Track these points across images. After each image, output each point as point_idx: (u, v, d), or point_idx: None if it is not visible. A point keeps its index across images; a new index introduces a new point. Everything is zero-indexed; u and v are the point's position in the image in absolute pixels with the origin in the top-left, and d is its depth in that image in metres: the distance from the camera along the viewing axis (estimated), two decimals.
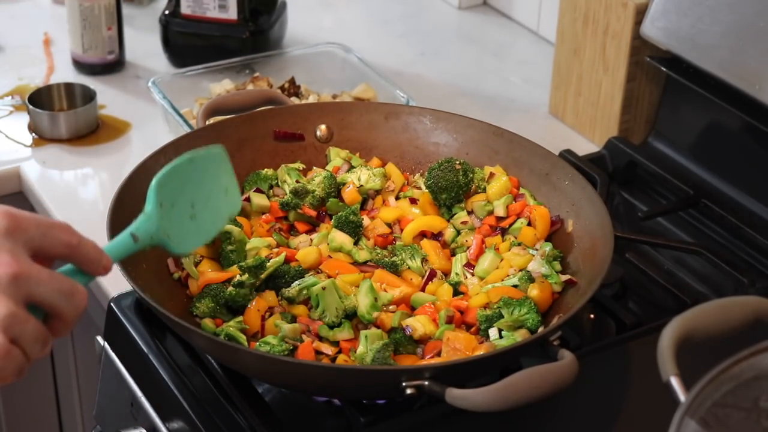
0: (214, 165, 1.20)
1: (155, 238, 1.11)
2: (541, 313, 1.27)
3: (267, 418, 1.21)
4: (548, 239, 1.38)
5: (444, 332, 1.23)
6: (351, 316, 1.27)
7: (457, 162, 1.42)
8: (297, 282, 1.29)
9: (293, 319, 1.27)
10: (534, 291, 1.28)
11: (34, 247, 0.96)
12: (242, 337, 1.23)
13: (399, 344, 1.24)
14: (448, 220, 1.42)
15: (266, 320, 1.26)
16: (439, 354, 1.23)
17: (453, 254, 1.38)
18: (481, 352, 1.22)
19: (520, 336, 1.24)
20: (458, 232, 1.40)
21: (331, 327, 1.25)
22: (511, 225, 1.39)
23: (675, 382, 1.01)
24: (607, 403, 1.27)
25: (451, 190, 1.41)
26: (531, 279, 1.30)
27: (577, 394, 1.19)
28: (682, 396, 0.99)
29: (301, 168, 1.47)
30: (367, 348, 1.21)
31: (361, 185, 1.43)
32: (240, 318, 1.26)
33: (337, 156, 1.48)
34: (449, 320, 1.26)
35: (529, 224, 1.38)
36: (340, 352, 1.24)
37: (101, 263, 1.01)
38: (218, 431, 1.21)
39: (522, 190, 1.42)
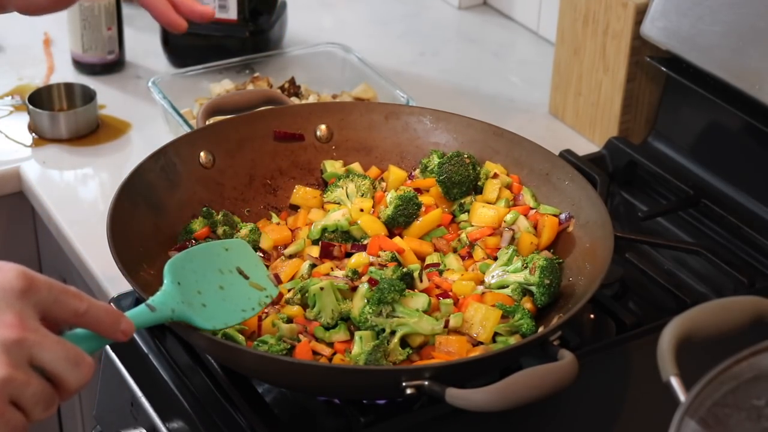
0: (236, 252, 1.25)
1: (177, 312, 1.14)
2: (537, 317, 1.27)
3: (267, 418, 1.21)
4: None
5: (435, 337, 1.23)
6: (346, 318, 1.27)
7: (466, 156, 1.42)
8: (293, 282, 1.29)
9: (289, 320, 1.27)
10: (527, 304, 1.28)
11: (44, 310, 0.95)
12: (240, 337, 1.24)
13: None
14: (455, 216, 1.42)
15: (263, 321, 1.27)
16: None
17: (454, 250, 1.39)
18: (474, 354, 1.22)
19: (515, 341, 1.24)
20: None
21: (327, 329, 1.25)
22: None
23: (675, 382, 1.01)
24: (607, 403, 1.27)
25: (463, 185, 1.41)
26: (524, 291, 1.30)
27: (577, 394, 1.19)
28: (682, 396, 0.99)
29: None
30: (361, 349, 1.21)
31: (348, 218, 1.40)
32: None
33: (332, 168, 1.48)
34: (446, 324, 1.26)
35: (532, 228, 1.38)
36: (336, 353, 1.24)
37: (119, 327, 1.00)
38: (218, 431, 1.21)
39: (524, 190, 1.42)
